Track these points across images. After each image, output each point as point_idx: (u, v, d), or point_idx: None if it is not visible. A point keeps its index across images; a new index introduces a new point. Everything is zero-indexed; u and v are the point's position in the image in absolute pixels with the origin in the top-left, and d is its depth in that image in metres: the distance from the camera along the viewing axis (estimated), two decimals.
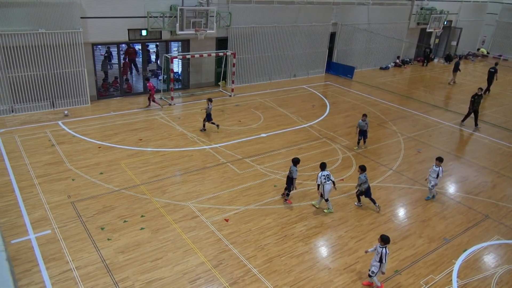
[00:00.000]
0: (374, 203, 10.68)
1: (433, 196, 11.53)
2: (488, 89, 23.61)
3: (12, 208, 9.62)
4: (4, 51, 14.52)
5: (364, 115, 14.18)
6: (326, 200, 10.32)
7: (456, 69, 25.24)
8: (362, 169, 10.49)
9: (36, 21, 14.81)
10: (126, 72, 19.32)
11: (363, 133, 14.27)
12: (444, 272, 8.60)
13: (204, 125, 15.09)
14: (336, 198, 11.11)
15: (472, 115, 17.64)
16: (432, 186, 11.26)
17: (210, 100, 14.86)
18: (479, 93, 17.37)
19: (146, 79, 17.68)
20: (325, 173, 10.11)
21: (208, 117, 14.90)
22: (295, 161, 10.38)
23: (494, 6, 35.32)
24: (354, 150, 14.31)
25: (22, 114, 15.44)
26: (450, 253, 9.24)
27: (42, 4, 14.71)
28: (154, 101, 17.17)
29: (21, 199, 10.01)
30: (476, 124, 17.64)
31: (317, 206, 10.59)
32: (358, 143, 14.53)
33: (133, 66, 20.42)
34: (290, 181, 10.47)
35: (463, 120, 17.96)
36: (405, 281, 8.26)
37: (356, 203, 10.89)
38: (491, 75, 23.23)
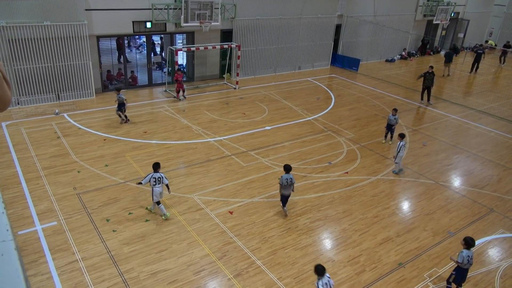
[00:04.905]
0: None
1: (399, 171, 12.32)
2: (476, 68, 26.22)
3: (18, 199, 9.72)
4: (10, 43, 14.57)
5: (394, 110, 13.96)
6: (157, 204, 9.32)
7: (448, 60, 24.77)
8: (286, 169, 9.51)
9: (41, 14, 14.83)
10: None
11: (389, 128, 14.09)
12: (448, 265, 8.60)
13: (120, 116, 14.48)
14: (340, 191, 11.12)
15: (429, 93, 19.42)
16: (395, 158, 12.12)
17: (118, 89, 14.26)
18: (430, 71, 18.71)
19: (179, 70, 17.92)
20: (156, 175, 9.10)
21: (119, 107, 14.29)
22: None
23: None
24: (382, 143, 14.37)
25: (28, 107, 15.53)
26: (455, 246, 9.22)
27: None
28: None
29: (28, 190, 10.11)
30: (428, 100, 19.32)
31: (152, 211, 9.62)
32: (385, 136, 14.40)
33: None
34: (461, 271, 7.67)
35: (422, 99, 19.50)
36: (409, 274, 8.28)
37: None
38: (479, 56, 25.82)
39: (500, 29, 35.69)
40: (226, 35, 20.44)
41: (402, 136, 11.99)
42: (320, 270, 6.51)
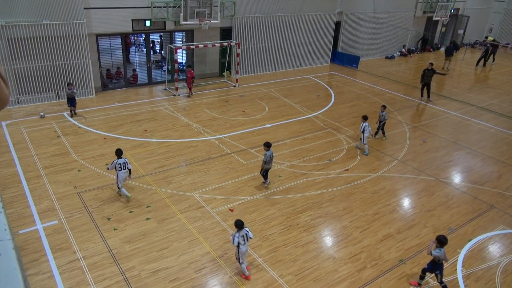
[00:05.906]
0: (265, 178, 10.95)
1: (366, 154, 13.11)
2: (485, 60, 27.53)
3: (19, 198, 9.73)
4: (9, 42, 14.55)
5: (383, 106, 14.05)
6: (119, 188, 9.85)
7: (448, 54, 25.34)
8: (268, 145, 10.47)
9: (41, 12, 14.80)
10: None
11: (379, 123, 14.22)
12: (449, 262, 8.60)
13: (71, 111, 14.66)
14: (341, 188, 11.12)
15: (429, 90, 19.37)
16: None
17: (70, 84, 14.39)
18: (429, 68, 18.64)
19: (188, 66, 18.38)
20: (121, 160, 9.61)
21: (71, 102, 14.48)
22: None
23: None
24: (383, 140, 14.33)
25: (27, 106, 15.52)
26: (455, 243, 9.23)
27: None
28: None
29: (28, 189, 10.11)
30: (428, 96, 19.24)
31: (119, 194, 10.10)
32: (383, 134, 14.38)
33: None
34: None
35: (422, 96, 19.39)
36: (409, 270, 8.29)
37: (264, 183, 11.01)
38: (487, 50, 27.50)
39: (500, 25, 35.57)
40: (226, 33, 20.40)
41: (365, 118, 12.95)
42: (239, 225, 7.52)
